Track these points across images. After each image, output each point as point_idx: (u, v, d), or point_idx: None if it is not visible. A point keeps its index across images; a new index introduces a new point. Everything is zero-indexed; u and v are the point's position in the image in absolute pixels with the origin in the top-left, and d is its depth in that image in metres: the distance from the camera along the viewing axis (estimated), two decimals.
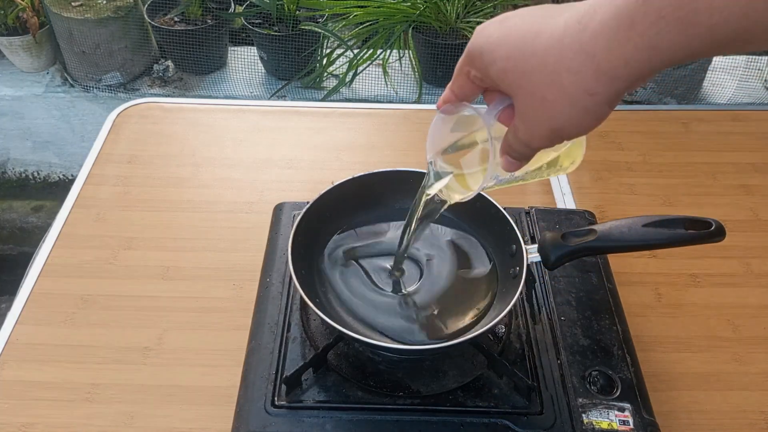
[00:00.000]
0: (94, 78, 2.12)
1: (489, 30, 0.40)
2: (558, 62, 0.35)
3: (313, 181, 0.92)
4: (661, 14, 0.31)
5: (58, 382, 0.67)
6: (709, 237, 0.60)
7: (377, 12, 1.95)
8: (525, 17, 0.39)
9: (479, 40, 0.40)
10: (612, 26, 0.33)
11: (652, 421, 0.57)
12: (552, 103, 0.37)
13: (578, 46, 0.34)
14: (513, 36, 0.38)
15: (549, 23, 0.37)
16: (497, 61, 0.39)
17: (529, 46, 0.37)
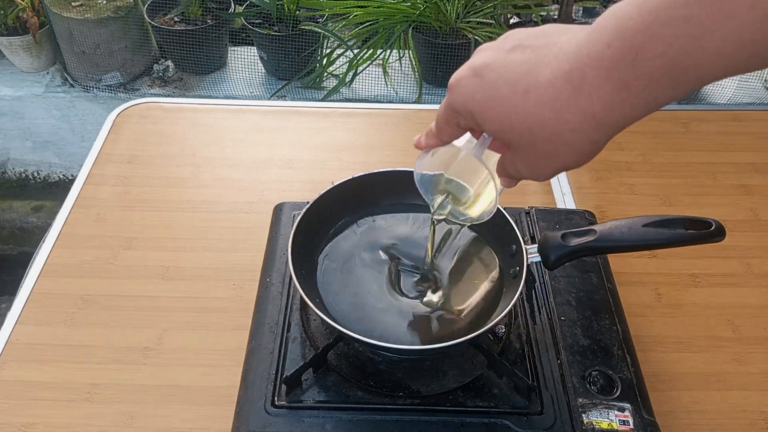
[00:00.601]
0: (94, 78, 2.12)
1: (469, 88, 0.39)
2: (558, 123, 0.36)
3: (313, 181, 0.92)
4: (652, 77, 0.32)
5: (58, 382, 0.67)
6: (709, 237, 0.60)
7: (377, 12, 1.95)
8: (501, 71, 0.37)
9: (462, 99, 0.40)
10: (607, 89, 0.33)
11: (652, 421, 0.57)
12: (556, 154, 0.38)
13: (576, 109, 0.35)
14: (499, 97, 0.37)
15: (533, 79, 0.36)
16: (491, 121, 0.39)
17: (521, 107, 0.36)
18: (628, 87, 0.33)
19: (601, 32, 0.33)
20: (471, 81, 0.39)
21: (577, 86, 0.34)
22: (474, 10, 1.99)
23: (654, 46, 0.31)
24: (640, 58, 0.32)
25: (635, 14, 0.32)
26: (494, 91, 0.37)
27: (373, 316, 0.62)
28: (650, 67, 0.32)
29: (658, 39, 0.31)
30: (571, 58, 0.34)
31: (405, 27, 1.96)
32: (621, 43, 0.32)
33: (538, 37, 0.38)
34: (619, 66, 0.32)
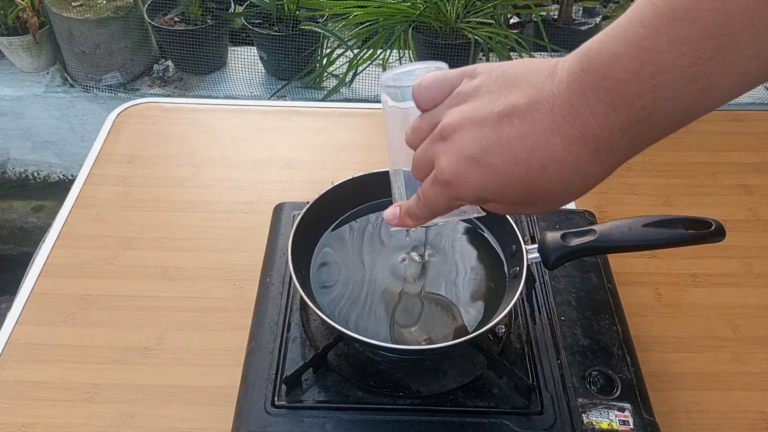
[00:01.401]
0: (94, 78, 2.12)
1: (477, 180, 0.36)
2: (584, 180, 0.35)
3: (313, 181, 0.92)
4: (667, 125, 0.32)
5: (58, 382, 0.67)
6: (709, 237, 0.60)
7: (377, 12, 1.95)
8: (506, 154, 0.35)
9: (471, 191, 0.37)
10: (625, 143, 0.33)
11: (652, 421, 0.57)
12: (577, 194, 0.37)
13: (599, 165, 0.34)
14: (515, 179, 0.35)
15: (547, 152, 0.34)
16: (510, 198, 0.37)
17: (543, 180, 0.35)
18: (644, 136, 0.33)
19: (596, 93, 0.32)
20: (476, 172, 0.36)
21: (595, 148, 0.33)
22: (474, 10, 1.99)
23: (664, 105, 0.31)
24: (654, 117, 0.31)
25: (632, 78, 0.31)
26: (508, 174, 0.35)
27: (373, 316, 0.62)
28: (664, 120, 0.31)
29: (666, 100, 0.30)
30: (573, 122, 0.33)
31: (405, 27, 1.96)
32: (627, 108, 0.31)
33: (507, 94, 0.36)
34: (632, 125, 0.32)
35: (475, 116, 0.36)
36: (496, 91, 0.36)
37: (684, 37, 0.29)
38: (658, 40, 0.30)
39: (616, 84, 0.31)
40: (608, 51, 0.31)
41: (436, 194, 0.39)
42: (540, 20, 2.16)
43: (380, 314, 0.62)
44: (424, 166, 0.40)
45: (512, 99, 0.35)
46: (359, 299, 0.64)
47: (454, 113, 0.38)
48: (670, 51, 0.29)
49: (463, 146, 0.36)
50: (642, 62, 0.30)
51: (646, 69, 0.30)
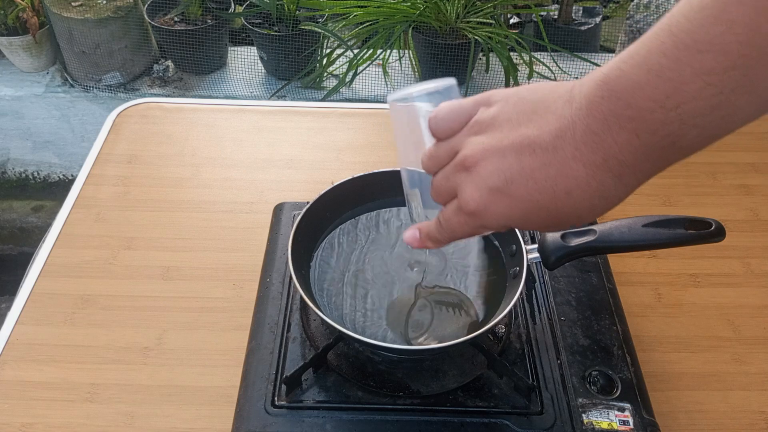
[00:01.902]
0: (94, 78, 2.12)
1: (503, 210, 0.37)
2: (607, 204, 0.35)
3: (313, 181, 0.92)
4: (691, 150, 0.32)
5: (57, 382, 0.67)
6: (709, 237, 0.60)
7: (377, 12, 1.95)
8: (530, 184, 0.35)
9: (497, 221, 0.38)
10: (647, 166, 0.33)
11: (652, 421, 0.57)
12: (592, 218, 0.38)
13: (623, 188, 0.34)
14: (541, 207, 0.36)
15: (571, 180, 0.34)
16: (535, 225, 0.38)
17: (569, 206, 0.35)
18: (667, 159, 0.33)
19: (619, 121, 0.32)
20: (501, 203, 0.37)
21: (618, 173, 0.33)
22: (474, 10, 1.99)
23: (688, 132, 0.31)
24: (679, 143, 0.31)
25: (656, 107, 0.31)
26: (533, 203, 0.36)
27: (373, 316, 0.62)
28: (688, 146, 0.32)
29: (690, 127, 0.30)
30: (596, 149, 0.33)
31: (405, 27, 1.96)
32: (652, 136, 0.31)
33: (527, 123, 0.36)
34: (656, 150, 0.32)
35: (496, 147, 0.36)
36: (515, 119, 0.37)
37: (709, 68, 0.29)
38: (682, 71, 0.29)
39: (640, 113, 0.31)
40: (630, 80, 0.31)
41: (461, 223, 0.40)
42: (540, 20, 2.16)
43: (380, 314, 0.62)
44: (446, 193, 0.40)
45: (532, 128, 0.35)
46: (359, 299, 0.64)
47: (474, 143, 0.38)
48: (695, 81, 0.29)
49: (487, 178, 0.37)
50: (666, 93, 0.30)
51: (671, 99, 0.30)
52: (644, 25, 1.90)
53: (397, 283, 0.65)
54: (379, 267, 0.67)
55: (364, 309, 0.63)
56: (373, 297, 0.64)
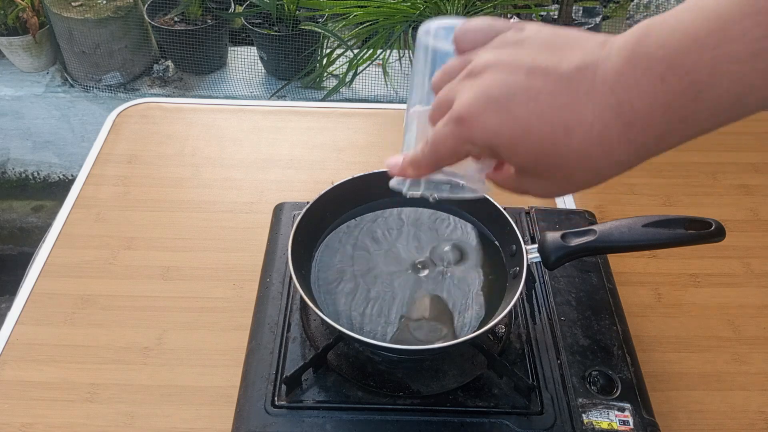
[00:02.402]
0: (94, 78, 2.12)
1: (492, 124, 0.34)
2: (604, 156, 0.32)
3: (313, 181, 0.92)
4: (715, 111, 0.29)
5: (57, 382, 0.67)
6: (709, 237, 0.60)
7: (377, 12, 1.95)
8: (531, 105, 0.33)
9: (483, 135, 0.34)
10: (662, 123, 0.30)
11: (652, 421, 0.57)
12: (584, 180, 0.35)
13: (627, 143, 0.31)
14: (534, 134, 0.33)
15: (575, 115, 0.32)
16: (520, 157, 0.34)
17: (562, 145, 0.32)
18: (686, 120, 0.30)
19: (648, 61, 0.30)
20: (494, 116, 0.33)
21: (628, 121, 0.31)
22: (474, 10, 1.99)
23: (719, 83, 0.28)
24: (702, 96, 0.29)
25: (692, 45, 0.28)
26: (527, 127, 0.33)
27: (373, 316, 0.62)
28: (714, 103, 0.29)
29: (723, 76, 0.28)
30: (615, 88, 0.31)
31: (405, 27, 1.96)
32: (678, 79, 0.29)
33: (551, 52, 0.33)
34: (677, 102, 0.29)
35: (509, 61, 0.34)
36: (542, 45, 0.34)
37: (761, 6, 0.27)
38: (731, 8, 0.28)
39: (674, 52, 0.29)
40: (673, 19, 0.29)
41: (446, 134, 0.36)
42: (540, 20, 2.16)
43: (380, 314, 0.62)
44: (445, 105, 0.37)
45: (555, 57, 0.33)
46: (359, 299, 0.64)
47: (489, 54, 0.35)
48: (743, 21, 0.27)
49: (489, 86, 0.34)
50: (709, 30, 0.28)
51: (711, 37, 0.28)
52: None
53: (397, 282, 0.65)
54: (379, 267, 0.67)
55: (364, 309, 0.63)
56: (374, 297, 0.64)
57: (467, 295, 0.64)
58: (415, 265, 0.67)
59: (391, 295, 0.64)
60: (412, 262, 0.67)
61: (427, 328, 0.61)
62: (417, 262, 0.67)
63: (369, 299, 0.64)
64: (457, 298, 0.64)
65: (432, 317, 0.62)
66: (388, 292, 0.64)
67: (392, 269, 0.66)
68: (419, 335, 0.61)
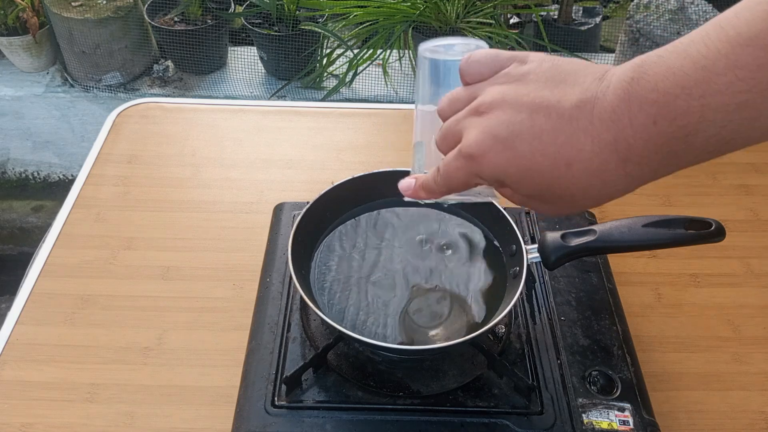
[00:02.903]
0: (94, 78, 2.12)
1: (499, 161, 0.36)
2: (604, 187, 0.35)
3: (313, 181, 0.92)
4: (704, 150, 0.32)
5: (57, 382, 0.67)
6: (709, 237, 0.60)
7: (377, 12, 1.95)
8: (534, 143, 0.35)
9: (492, 171, 0.37)
10: (656, 159, 0.33)
11: (652, 421, 0.57)
12: (592, 203, 0.37)
13: (624, 175, 0.34)
14: (538, 170, 0.35)
15: (574, 151, 0.34)
16: (527, 188, 0.37)
17: (565, 178, 0.35)
18: (677, 157, 0.33)
19: (640, 104, 0.32)
20: (501, 154, 0.36)
21: (624, 156, 0.33)
22: (474, 10, 1.99)
23: (706, 129, 0.31)
24: (691, 139, 0.31)
25: (681, 94, 0.30)
26: (531, 164, 0.35)
27: (373, 316, 0.62)
28: (703, 144, 0.31)
29: (709, 123, 0.30)
30: (611, 126, 0.33)
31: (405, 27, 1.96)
32: (668, 123, 0.31)
33: (553, 88, 0.36)
34: (668, 142, 0.32)
35: (514, 100, 0.36)
36: (543, 81, 0.36)
37: (743, 63, 0.29)
38: (717, 61, 0.29)
39: (664, 97, 0.31)
40: (664, 64, 0.31)
41: (457, 168, 0.39)
42: (540, 20, 2.16)
43: (380, 314, 0.62)
44: (452, 138, 0.39)
45: (556, 94, 0.35)
46: (359, 299, 0.64)
47: (495, 91, 0.37)
48: (727, 74, 0.29)
49: (496, 125, 0.36)
50: (696, 80, 0.30)
51: (698, 88, 0.30)
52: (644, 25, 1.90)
53: (397, 282, 0.65)
54: (379, 267, 0.67)
55: (365, 309, 0.63)
56: (374, 297, 0.64)
57: (467, 295, 0.64)
58: (415, 265, 0.67)
59: (391, 295, 0.64)
60: (412, 262, 0.67)
61: (426, 328, 0.61)
62: (417, 262, 0.67)
63: (369, 299, 0.64)
64: (457, 297, 0.64)
65: (432, 317, 0.62)
66: (388, 292, 0.64)
67: (392, 269, 0.66)
68: (419, 335, 0.61)
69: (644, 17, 1.92)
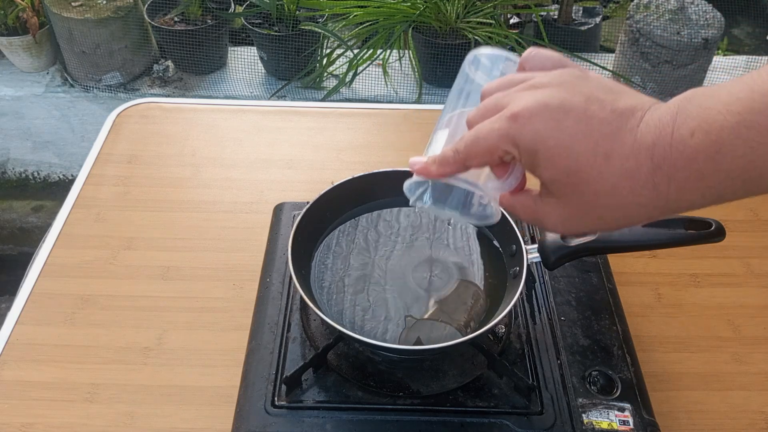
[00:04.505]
0: (94, 78, 2.12)
1: (542, 128, 0.36)
2: (629, 194, 0.35)
3: (313, 181, 0.92)
4: (729, 175, 0.32)
5: (57, 382, 0.67)
6: (709, 237, 0.60)
7: (377, 12, 1.95)
8: (582, 124, 0.35)
9: (530, 135, 0.36)
10: (684, 175, 0.33)
11: (652, 421, 0.57)
12: (609, 221, 0.37)
13: (652, 186, 0.34)
14: (575, 150, 0.35)
15: (617, 144, 0.35)
16: (554, 170, 0.36)
17: (598, 169, 0.35)
18: (704, 179, 0.33)
19: (685, 117, 0.33)
20: (547, 122, 0.36)
21: (657, 164, 0.34)
22: (474, 10, 1.99)
23: (736, 147, 0.31)
24: (721, 155, 0.32)
25: (723, 109, 0.32)
26: (572, 141, 0.35)
27: (373, 316, 0.62)
28: (729, 164, 0.32)
29: (741, 140, 0.31)
30: (654, 132, 0.34)
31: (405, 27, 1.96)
32: (704, 136, 0.32)
33: (610, 92, 0.37)
34: (698, 157, 0.32)
35: (573, 85, 0.37)
36: (603, 86, 0.37)
37: None
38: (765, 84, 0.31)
39: (706, 112, 0.32)
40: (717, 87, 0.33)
41: (492, 128, 0.37)
42: (540, 20, 2.16)
43: (380, 314, 0.62)
44: (493, 108, 0.38)
45: (614, 96, 0.36)
46: (359, 299, 0.64)
47: (554, 75, 0.38)
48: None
49: (549, 97, 0.36)
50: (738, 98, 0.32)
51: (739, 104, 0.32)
52: (644, 25, 1.90)
53: (397, 282, 0.65)
54: (379, 267, 0.67)
55: (364, 309, 0.63)
56: (373, 297, 0.64)
57: (467, 294, 0.64)
58: (415, 264, 0.67)
59: (391, 294, 0.64)
60: (412, 262, 0.67)
61: (426, 328, 0.61)
62: (417, 262, 0.67)
63: (369, 299, 0.64)
64: (457, 297, 0.64)
65: (432, 317, 0.62)
66: (388, 292, 0.64)
67: (392, 269, 0.66)
68: (419, 335, 0.61)
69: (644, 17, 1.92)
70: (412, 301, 0.63)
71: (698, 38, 1.86)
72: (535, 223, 0.41)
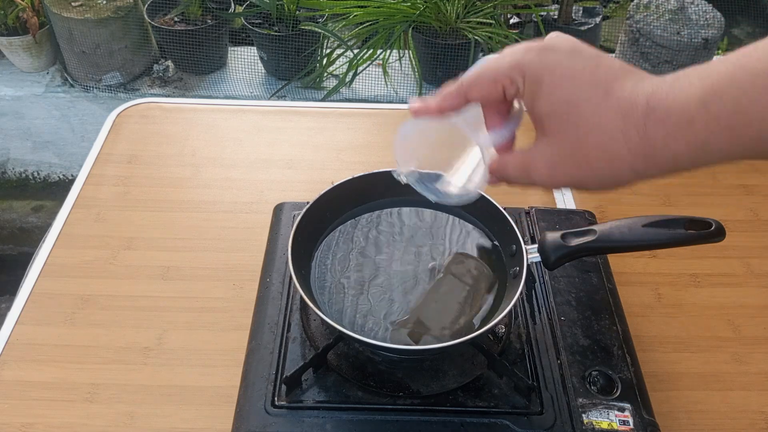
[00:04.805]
0: (94, 78, 2.12)
1: (551, 59, 0.38)
2: (621, 135, 0.36)
3: (313, 181, 0.92)
4: (719, 121, 0.34)
5: (57, 382, 0.67)
6: (709, 237, 0.60)
7: (377, 12, 1.95)
8: (589, 64, 0.38)
9: (540, 64, 0.38)
10: (675, 121, 0.34)
11: (652, 421, 0.57)
12: (594, 166, 0.38)
13: (644, 131, 0.35)
14: (578, 85, 0.37)
15: (618, 86, 0.37)
16: (553, 102, 0.38)
17: (595, 103, 0.37)
18: (693, 123, 0.34)
19: (686, 75, 0.35)
20: (559, 55, 0.38)
21: (652, 107, 0.35)
22: (474, 10, 1.99)
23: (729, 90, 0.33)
24: (713, 96, 0.33)
25: (722, 60, 0.34)
26: (576, 77, 0.37)
27: (373, 316, 0.62)
28: (718, 108, 0.33)
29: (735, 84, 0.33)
30: (655, 84, 0.36)
31: (405, 27, 1.96)
32: (700, 82, 0.34)
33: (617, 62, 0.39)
34: (691, 101, 0.34)
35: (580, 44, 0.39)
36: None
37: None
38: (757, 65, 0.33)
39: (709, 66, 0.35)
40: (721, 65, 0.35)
41: (502, 57, 0.40)
42: (540, 20, 2.16)
43: (380, 314, 0.62)
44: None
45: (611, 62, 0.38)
46: (359, 299, 0.64)
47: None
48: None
49: (564, 40, 0.39)
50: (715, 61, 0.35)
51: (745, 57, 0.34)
52: (644, 25, 1.90)
53: (397, 282, 0.65)
54: (379, 267, 0.67)
55: (364, 309, 0.63)
56: (374, 296, 0.64)
57: (467, 294, 0.64)
58: (415, 264, 0.67)
59: (391, 294, 0.64)
60: (412, 262, 0.67)
61: (426, 328, 0.61)
62: (417, 262, 0.67)
63: (369, 299, 0.64)
64: (457, 297, 0.64)
65: (432, 316, 0.62)
66: (388, 292, 0.64)
67: (392, 269, 0.66)
68: (419, 335, 0.61)
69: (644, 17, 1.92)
70: (412, 300, 0.63)
71: (698, 38, 1.86)
72: (523, 178, 0.41)
